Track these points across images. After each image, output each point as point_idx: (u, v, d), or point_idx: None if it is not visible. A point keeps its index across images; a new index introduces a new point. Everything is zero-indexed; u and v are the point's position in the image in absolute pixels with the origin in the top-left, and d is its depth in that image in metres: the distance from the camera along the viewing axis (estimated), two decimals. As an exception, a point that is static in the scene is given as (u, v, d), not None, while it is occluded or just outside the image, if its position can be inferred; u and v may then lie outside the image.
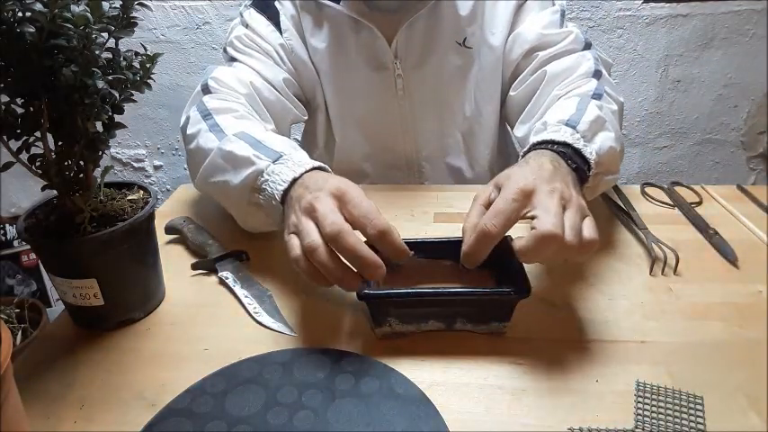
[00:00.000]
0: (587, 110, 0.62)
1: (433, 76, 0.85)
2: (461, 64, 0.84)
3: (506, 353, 0.50)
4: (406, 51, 0.82)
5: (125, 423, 0.45)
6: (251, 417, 0.44)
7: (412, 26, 0.80)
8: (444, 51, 0.83)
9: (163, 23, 1.60)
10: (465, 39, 0.82)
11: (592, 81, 0.71)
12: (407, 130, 0.90)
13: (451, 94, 0.87)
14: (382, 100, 0.87)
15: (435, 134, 0.91)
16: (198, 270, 0.65)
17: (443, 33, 0.82)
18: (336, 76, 0.86)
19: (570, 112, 0.62)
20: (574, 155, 0.56)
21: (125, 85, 0.50)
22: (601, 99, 0.67)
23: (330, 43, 0.83)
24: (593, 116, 0.61)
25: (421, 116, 0.88)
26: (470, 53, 0.83)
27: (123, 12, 0.47)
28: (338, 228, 0.46)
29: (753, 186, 0.78)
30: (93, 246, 0.51)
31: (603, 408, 0.44)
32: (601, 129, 0.61)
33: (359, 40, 0.82)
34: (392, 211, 0.77)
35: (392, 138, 0.91)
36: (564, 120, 0.60)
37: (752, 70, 1.55)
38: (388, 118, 0.88)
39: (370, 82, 0.85)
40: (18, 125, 0.46)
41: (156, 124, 1.75)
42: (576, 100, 0.66)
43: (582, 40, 0.78)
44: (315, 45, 0.84)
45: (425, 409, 0.44)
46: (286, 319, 0.56)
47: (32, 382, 0.50)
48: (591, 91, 0.69)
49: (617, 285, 0.59)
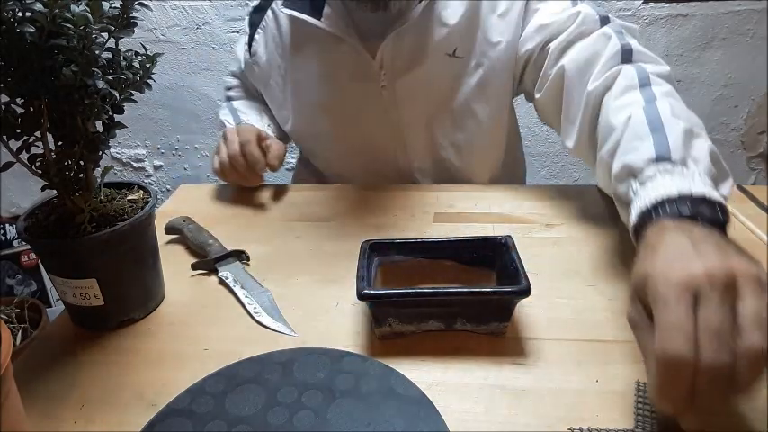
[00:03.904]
0: (663, 121, 0.51)
1: (422, 88, 0.81)
2: (453, 74, 0.81)
3: (506, 353, 0.50)
4: (392, 63, 0.79)
5: (125, 423, 0.45)
6: (251, 417, 0.44)
7: (398, 37, 0.77)
8: (432, 63, 0.79)
9: (163, 23, 1.60)
10: (455, 49, 0.79)
11: (627, 68, 0.62)
12: (398, 141, 0.87)
13: (443, 105, 0.83)
14: (370, 112, 0.85)
15: (427, 145, 0.88)
16: (198, 270, 0.65)
17: (430, 44, 0.78)
18: (321, 90, 0.85)
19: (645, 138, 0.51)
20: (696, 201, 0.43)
21: (125, 85, 0.50)
22: (651, 86, 0.59)
23: (313, 58, 0.83)
24: (680, 130, 0.50)
25: (410, 127, 0.86)
26: (463, 63, 0.80)
27: (123, 12, 0.47)
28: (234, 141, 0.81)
29: (753, 186, 0.78)
30: (93, 246, 0.51)
31: (603, 408, 0.44)
32: (692, 137, 0.50)
33: (342, 55, 0.80)
34: (392, 211, 0.77)
35: (383, 149, 0.89)
36: (651, 157, 0.48)
37: (752, 70, 1.55)
38: (377, 130, 0.86)
39: (355, 95, 0.84)
40: (18, 125, 0.46)
41: (156, 124, 1.75)
42: (633, 112, 0.55)
43: (595, 17, 0.70)
44: (298, 60, 0.84)
45: (425, 409, 0.44)
46: (286, 320, 0.56)
47: (32, 382, 0.50)
48: (635, 84, 0.60)
49: (617, 285, 0.59)
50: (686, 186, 0.44)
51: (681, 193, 0.44)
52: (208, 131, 1.76)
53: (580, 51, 0.68)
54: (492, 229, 0.71)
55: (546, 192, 0.79)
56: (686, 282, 0.35)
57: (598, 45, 0.67)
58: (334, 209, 0.79)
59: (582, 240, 0.67)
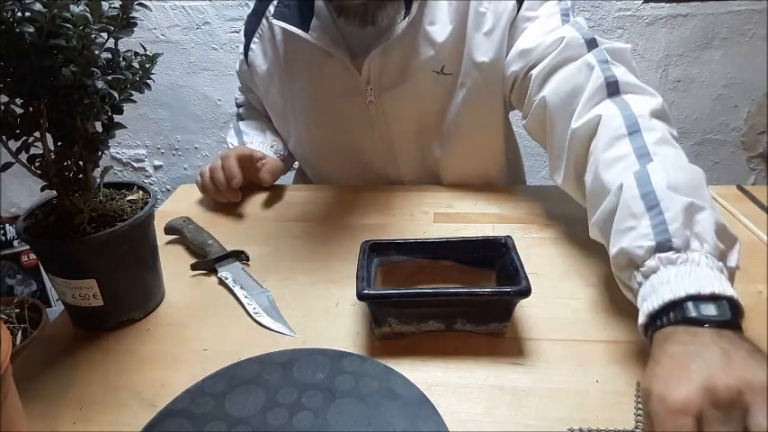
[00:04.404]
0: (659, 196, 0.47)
1: (409, 104, 0.81)
2: (442, 91, 0.79)
3: (506, 353, 0.50)
4: (378, 78, 0.79)
5: (124, 424, 0.45)
6: (251, 417, 0.44)
7: (384, 52, 0.76)
8: (420, 79, 0.78)
9: (163, 23, 1.60)
10: (443, 66, 0.77)
11: (611, 110, 0.57)
12: (388, 155, 0.87)
13: (432, 121, 0.82)
14: (359, 126, 0.84)
15: (417, 160, 0.87)
16: (198, 270, 0.65)
17: (418, 60, 0.77)
18: (312, 102, 0.85)
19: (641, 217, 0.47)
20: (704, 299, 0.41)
21: (125, 86, 0.50)
22: (641, 133, 0.53)
23: (303, 70, 0.83)
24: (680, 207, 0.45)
25: (400, 142, 0.85)
26: (451, 79, 0.78)
27: (123, 12, 0.47)
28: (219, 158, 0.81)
29: (753, 186, 0.78)
30: (92, 246, 0.51)
31: (603, 408, 0.44)
32: (693, 212, 0.45)
33: (330, 69, 0.80)
34: (392, 211, 0.77)
35: (374, 163, 0.88)
36: (650, 246, 0.45)
37: (752, 70, 1.55)
38: (366, 144, 0.86)
39: (344, 109, 0.83)
40: (17, 125, 0.46)
41: (156, 124, 1.75)
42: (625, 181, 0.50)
43: (580, 41, 0.65)
44: (292, 71, 0.84)
45: (425, 409, 0.44)
46: (286, 320, 0.56)
47: (32, 383, 0.50)
48: (623, 132, 0.54)
49: (617, 285, 0.59)
50: (693, 285, 0.41)
51: (688, 294, 0.41)
52: (208, 131, 1.76)
53: (561, 82, 0.64)
54: (492, 229, 0.71)
55: (546, 192, 0.79)
56: (683, 406, 0.34)
57: (580, 77, 0.62)
58: (334, 209, 0.79)
59: (582, 240, 0.67)
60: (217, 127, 1.73)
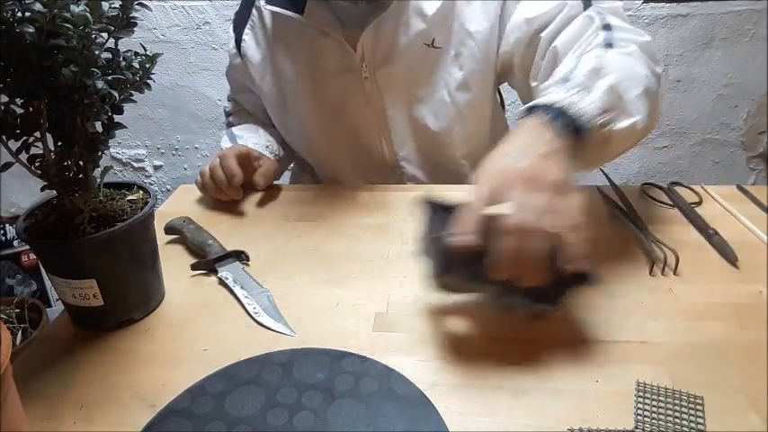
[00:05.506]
0: (582, 61, 0.60)
1: (402, 78, 0.83)
2: (433, 65, 0.82)
3: (506, 353, 0.50)
4: (372, 54, 0.81)
5: (124, 424, 0.45)
6: (251, 417, 0.44)
7: (377, 28, 0.79)
8: (412, 53, 0.81)
9: (163, 23, 1.60)
10: (434, 40, 0.80)
11: (599, 34, 0.68)
12: (382, 131, 0.89)
13: (424, 95, 0.85)
14: (354, 103, 0.86)
15: (410, 134, 0.89)
16: (198, 270, 0.65)
17: (409, 35, 0.80)
18: (306, 84, 0.86)
19: (565, 69, 0.60)
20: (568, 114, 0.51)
21: (125, 86, 0.50)
22: (613, 47, 0.65)
23: (298, 53, 0.84)
24: (590, 66, 0.57)
25: (394, 117, 0.87)
26: (441, 53, 0.81)
27: (123, 12, 0.47)
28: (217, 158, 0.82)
29: (753, 186, 0.78)
30: (92, 246, 0.51)
31: (603, 408, 0.44)
32: (599, 76, 0.57)
33: (325, 48, 0.82)
34: (392, 211, 0.77)
35: (368, 140, 0.90)
36: (557, 78, 0.58)
37: (752, 70, 1.55)
38: (361, 121, 0.88)
39: (340, 87, 0.85)
40: (18, 125, 0.46)
41: (156, 124, 1.75)
42: (577, 55, 0.64)
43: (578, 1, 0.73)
44: (285, 56, 0.85)
45: (425, 409, 0.44)
46: (286, 320, 0.56)
47: (32, 383, 0.50)
48: (599, 44, 0.66)
49: (617, 285, 0.59)
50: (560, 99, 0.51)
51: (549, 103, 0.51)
52: (208, 131, 1.76)
53: (567, 34, 0.71)
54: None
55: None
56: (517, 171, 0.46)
57: (582, 25, 0.70)
58: (334, 209, 0.79)
59: (582, 240, 0.67)
60: (217, 127, 1.73)
